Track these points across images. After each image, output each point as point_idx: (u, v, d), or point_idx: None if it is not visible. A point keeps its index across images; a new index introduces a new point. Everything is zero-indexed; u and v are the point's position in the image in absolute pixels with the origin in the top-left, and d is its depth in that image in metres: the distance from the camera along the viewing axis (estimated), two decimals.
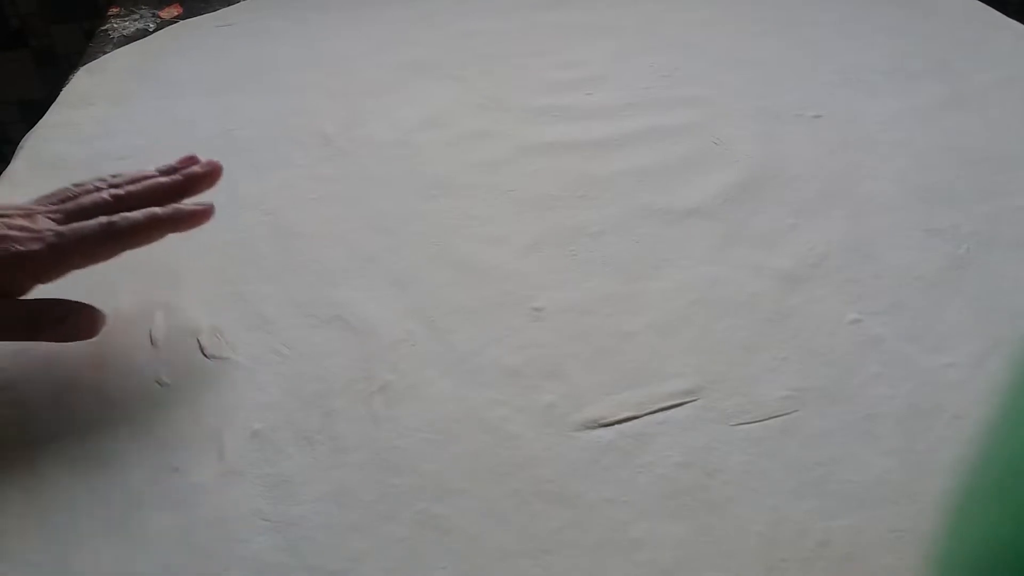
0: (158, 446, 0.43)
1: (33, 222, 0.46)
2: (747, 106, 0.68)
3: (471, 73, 0.73)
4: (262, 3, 0.86)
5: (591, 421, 0.44)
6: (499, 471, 0.42)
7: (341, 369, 0.47)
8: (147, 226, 0.47)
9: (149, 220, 0.47)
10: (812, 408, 0.45)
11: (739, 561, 0.38)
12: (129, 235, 0.46)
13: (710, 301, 0.51)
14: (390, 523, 0.40)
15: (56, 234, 0.45)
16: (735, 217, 0.57)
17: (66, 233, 0.45)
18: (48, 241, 0.45)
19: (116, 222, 0.46)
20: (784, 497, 0.41)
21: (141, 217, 0.47)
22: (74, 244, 0.45)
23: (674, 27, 0.79)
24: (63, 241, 0.45)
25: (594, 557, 0.39)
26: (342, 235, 0.56)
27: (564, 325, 0.49)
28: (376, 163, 0.63)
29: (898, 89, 0.70)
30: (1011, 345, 0.47)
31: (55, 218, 0.46)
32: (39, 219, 0.46)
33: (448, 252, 0.55)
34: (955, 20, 0.80)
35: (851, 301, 0.50)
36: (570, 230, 0.56)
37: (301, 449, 0.43)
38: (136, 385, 0.46)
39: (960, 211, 0.57)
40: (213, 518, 0.40)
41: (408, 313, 0.50)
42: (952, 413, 0.44)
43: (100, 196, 0.48)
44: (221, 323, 0.50)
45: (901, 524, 0.39)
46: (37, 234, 0.45)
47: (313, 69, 0.74)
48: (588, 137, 0.65)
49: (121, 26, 0.83)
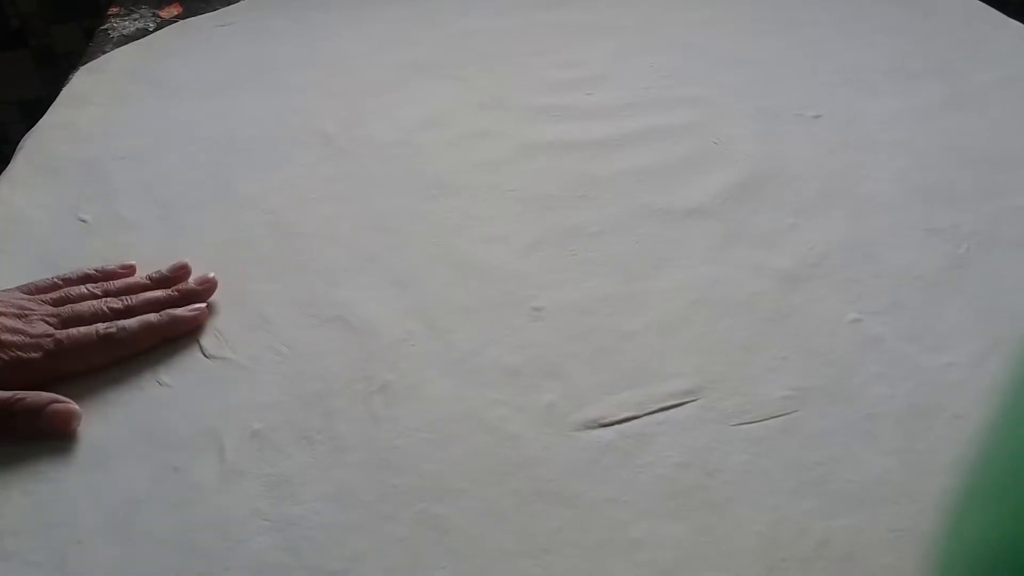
0: (158, 446, 0.43)
1: (30, 325, 0.46)
2: (747, 106, 0.68)
3: (471, 73, 0.73)
4: (262, 3, 0.86)
5: (591, 421, 0.44)
6: (499, 471, 0.42)
7: (341, 369, 0.47)
8: (143, 334, 0.48)
9: (145, 329, 0.48)
10: (812, 408, 0.45)
11: (739, 561, 0.38)
12: (127, 344, 0.47)
13: (710, 301, 0.51)
14: (390, 523, 0.40)
15: (55, 341, 0.46)
16: (735, 217, 0.57)
17: (64, 341, 0.46)
18: (46, 348, 0.45)
19: (114, 333, 0.47)
20: (784, 497, 0.41)
21: (137, 326, 0.47)
22: (71, 353, 0.46)
23: (674, 27, 0.79)
24: (61, 349, 0.45)
25: (594, 557, 0.39)
26: (342, 235, 0.56)
27: (564, 325, 0.49)
28: (377, 163, 0.63)
29: (898, 89, 0.70)
30: (1011, 345, 0.47)
31: (51, 323, 0.47)
32: (35, 322, 0.46)
33: (448, 252, 0.55)
34: (955, 20, 0.80)
35: (851, 301, 0.50)
36: (570, 230, 0.56)
37: (301, 449, 0.43)
38: (136, 385, 0.46)
39: (960, 211, 0.57)
40: (213, 518, 0.40)
41: (408, 313, 0.50)
42: (952, 413, 0.44)
43: (99, 306, 0.48)
44: (221, 323, 0.50)
45: (901, 524, 0.39)
46: (35, 340, 0.45)
47: (313, 69, 0.74)
48: (588, 137, 0.65)
49: (121, 26, 0.83)
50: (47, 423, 0.43)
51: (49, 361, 0.45)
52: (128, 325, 0.47)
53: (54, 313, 0.47)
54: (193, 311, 0.49)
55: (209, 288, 0.51)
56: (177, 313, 0.49)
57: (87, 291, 0.50)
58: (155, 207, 0.59)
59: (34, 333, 0.46)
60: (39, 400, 0.44)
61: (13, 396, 0.44)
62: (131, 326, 0.47)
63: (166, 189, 0.60)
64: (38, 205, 0.59)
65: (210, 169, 0.62)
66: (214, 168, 0.62)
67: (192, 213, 0.58)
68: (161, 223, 0.57)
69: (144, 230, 0.57)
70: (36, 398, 0.44)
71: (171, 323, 0.48)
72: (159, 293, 0.50)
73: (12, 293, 0.48)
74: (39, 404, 0.44)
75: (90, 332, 0.46)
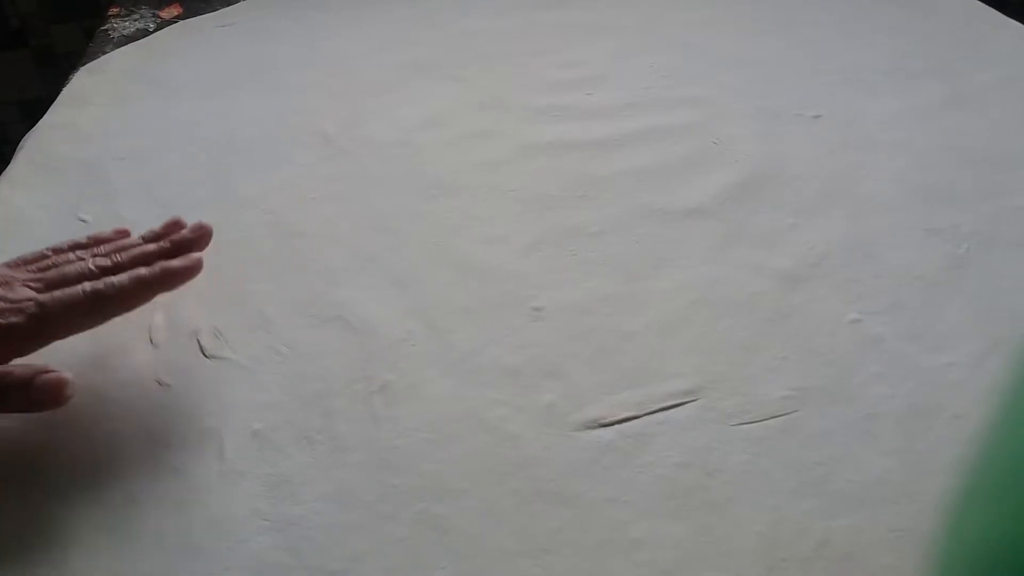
0: (158, 446, 0.43)
1: (11, 291, 0.43)
2: (747, 106, 0.68)
3: (471, 73, 0.73)
4: (262, 3, 0.86)
5: (591, 421, 0.44)
6: (499, 471, 0.42)
7: (341, 369, 0.47)
8: (133, 290, 0.44)
9: (135, 283, 0.44)
10: (812, 408, 0.45)
11: (739, 561, 0.38)
12: (117, 302, 0.44)
13: (710, 301, 0.51)
14: (390, 523, 0.40)
15: (38, 304, 0.42)
16: (735, 217, 0.57)
17: (48, 303, 0.42)
18: (29, 312, 0.42)
19: (102, 289, 0.43)
20: (784, 497, 0.41)
21: (127, 281, 0.44)
22: (58, 315, 0.42)
23: (674, 27, 0.79)
24: (45, 312, 0.42)
25: (594, 557, 0.39)
26: (342, 235, 0.56)
27: (564, 325, 0.49)
28: (376, 163, 0.63)
29: (898, 89, 0.70)
30: (1011, 345, 0.47)
31: (35, 287, 0.44)
32: (17, 287, 0.43)
33: (448, 252, 0.55)
34: (955, 20, 0.80)
35: (851, 301, 0.50)
36: (570, 230, 0.56)
37: (301, 449, 0.43)
38: (136, 385, 0.46)
39: (960, 211, 0.57)
40: (213, 518, 0.40)
41: (408, 313, 0.50)
42: (952, 413, 0.44)
43: (85, 266, 0.45)
44: (221, 323, 0.50)
45: (901, 524, 0.39)
46: (16, 304, 0.42)
47: (313, 69, 0.74)
48: (588, 137, 0.65)
49: (121, 26, 0.83)
50: (37, 395, 0.41)
51: (33, 325, 0.42)
52: (117, 281, 0.44)
53: (38, 278, 0.44)
54: (187, 261, 0.46)
55: (204, 236, 0.48)
56: (170, 265, 0.46)
57: (75, 256, 0.47)
58: (155, 207, 0.59)
59: (15, 298, 0.42)
60: (27, 372, 0.41)
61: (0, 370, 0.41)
62: (120, 281, 0.44)
63: (166, 189, 0.60)
64: (38, 205, 0.59)
65: (210, 169, 0.62)
66: (214, 168, 0.62)
67: (192, 213, 0.58)
68: (161, 223, 0.57)
69: (144, 230, 0.57)
70: (23, 370, 0.41)
71: (163, 275, 0.45)
72: (150, 247, 0.47)
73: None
74: (27, 376, 0.41)
75: (76, 291, 0.43)
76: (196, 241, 0.48)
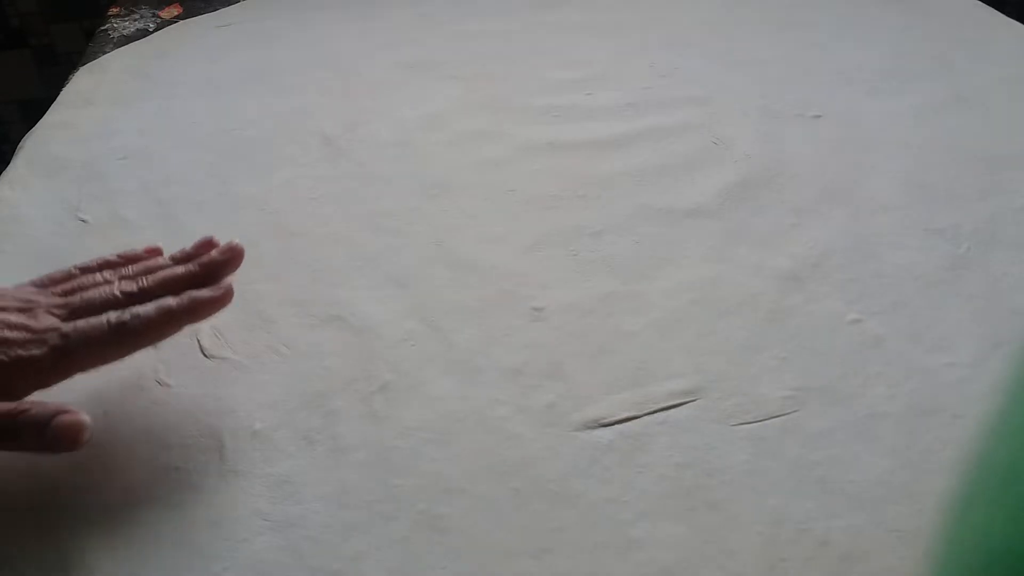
0: (158, 446, 0.43)
1: (34, 319, 0.41)
2: (747, 106, 0.68)
3: (471, 73, 0.73)
4: (262, 3, 0.86)
5: (591, 421, 0.44)
6: (499, 471, 0.42)
7: (341, 369, 0.47)
8: (160, 322, 0.42)
9: (163, 315, 0.42)
10: (812, 408, 0.45)
11: (739, 561, 0.38)
12: (143, 334, 0.42)
13: (710, 301, 0.51)
14: (390, 523, 0.40)
15: (60, 335, 0.40)
16: (735, 217, 0.57)
17: (72, 335, 0.40)
18: (51, 344, 0.40)
19: (127, 322, 0.41)
20: (784, 497, 0.41)
21: (154, 313, 0.42)
22: (80, 347, 0.40)
23: (674, 27, 0.79)
24: (68, 344, 0.40)
25: (594, 557, 0.39)
26: (342, 235, 0.56)
27: (564, 325, 0.49)
28: (376, 163, 0.63)
29: (898, 89, 0.70)
30: (1011, 345, 0.47)
31: (59, 315, 0.42)
32: (40, 315, 0.41)
33: (449, 252, 0.55)
34: (955, 20, 0.80)
35: (851, 301, 0.50)
36: (570, 230, 0.56)
37: (301, 449, 0.43)
38: (136, 385, 0.46)
39: (960, 211, 0.57)
40: (213, 518, 0.40)
41: (408, 313, 0.50)
42: (952, 413, 0.44)
43: (110, 292, 0.43)
44: (221, 323, 0.50)
45: (901, 524, 0.39)
46: (39, 335, 0.40)
47: (313, 69, 0.74)
48: (588, 137, 0.65)
49: (121, 26, 0.83)
50: (53, 437, 0.39)
51: (56, 358, 0.40)
52: (143, 312, 0.41)
53: (62, 304, 0.42)
54: (216, 291, 0.44)
55: (235, 258, 0.46)
56: (199, 295, 0.43)
57: (102, 278, 0.44)
58: (155, 207, 0.59)
59: (38, 328, 0.40)
60: (44, 412, 0.39)
61: (16, 408, 0.39)
62: (146, 313, 0.41)
63: (166, 189, 0.60)
64: (38, 205, 0.59)
65: (210, 169, 0.62)
66: (214, 168, 0.62)
67: (192, 213, 0.58)
68: (161, 223, 0.57)
69: (144, 230, 0.57)
70: (41, 409, 0.39)
71: (192, 306, 0.43)
72: (179, 269, 0.45)
73: (22, 288, 0.44)
74: (44, 416, 0.39)
75: (100, 322, 0.41)
76: (226, 264, 0.46)
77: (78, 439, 0.39)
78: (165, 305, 0.42)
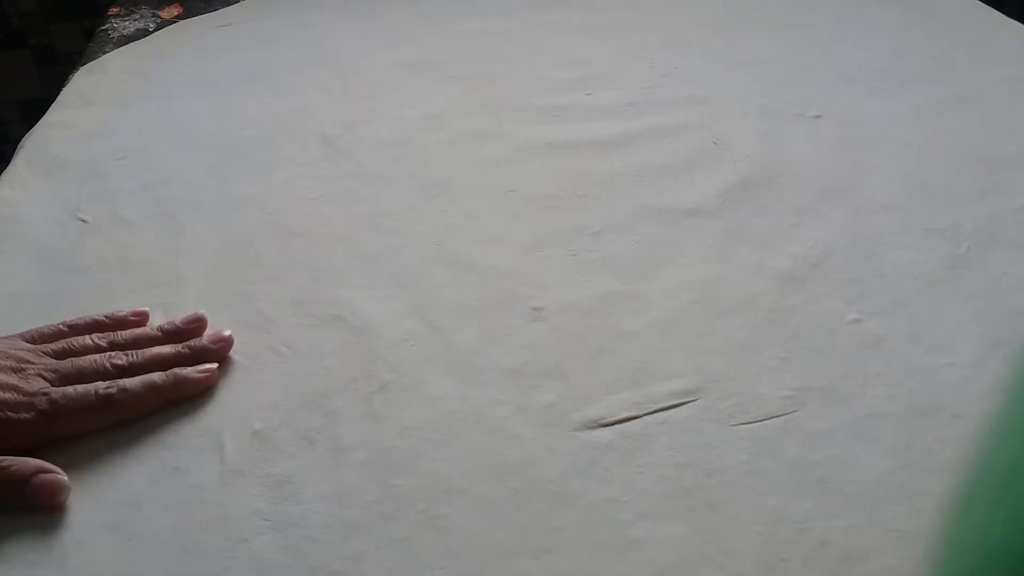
0: (158, 446, 0.43)
1: (24, 380, 0.43)
2: (747, 106, 0.68)
3: (471, 73, 0.73)
4: (262, 3, 0.86)
5: (591, 421, 0.44)
6: (499, 471, 0.42)
7: (341, 369, 0.47)
8: (145, 398, 0.44)
9: (148, 391, 0.44)
10: (812, 408, 0.45)
11: (739, 561, 0.38)
12: (128, 408, 0.44)
13: (710, 301, 0.51)
14: (390, 523, 0.40)
15: (49, 401, 0.42)
16: (735, 217, 0.57)
17: (60, 401, 0.42)
18: (39, 408, 0.42)
19: (114, 394, 0.43)
20: (784, 497, 0.41)
21: (140, 388, 0.44)
22: (68, 414, 0.43)
23: (674, 27, 0.79)
24: (56, 410, 0.42)
25: (594, 557, 0.39)
26: (342, 235, 0.56)
27: (564, 325, 0.49)
28: (376, 163, 0.63)
29: (898, 89, 0.70)
30: (1011, 345, 0.47)
31: (49, 378, 0.44)
32: (31, 378, 0.43)
33: (448, 252, 0.55)
34: (955, 20, 0.80)
35: (851, 301, 0.50)
36: (570, 230, 0.56)
37: (301, 449, 0.43)
38: None
39: (960, 211, 0.57)
40: (213, 518, 0.40)
41: (408, 313, 0.50)
42: (952, 413, 0.44)
43: (101, 363, 0.45)
44: (221, 323, 0.50)
45: (901, 524, 0.39)
46: (28, 398, 0.42)
47: (313, 69, 0.74)
48: (588, 137, 0.65)
49: (121, 26, 0.83)
50: (32, 495, 0.40)
51: (42, 422, 0.42)
52: (130, 386, 0.44)
53: (54, 368, 0.44)
54: (202, 372, 0.46)
55: (223, 347, 0.48)
56: (184, 374, 0.45)
57: (92, 343, 0.46)
58: (155, 207, 0.59)
59: (29, 391, 0.42)
60: (24, 469, 0.40)
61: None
62: (133, 387, 0.44)
63: (166, 189, 0.60)
64: (38, 205, 0.59)
65: (210, 169, 0.62)
66: (214, 168, 0.62)
67: (192, 213, 0.58)
68: (161, 223, 0.57)
69: (144, 230, 0.57)
70: (21, 466, 0.41)
71: (176, 385, 0.45)
72: (167, 349, 0.47)
73: (13, 341, 0.46)
74: (24, 474, 0.40)
75: (88, 392, 0.43)
76: (214, 353, 0.47)
77: (56, 498, 0.41)
78: (151, 381, 0.45)
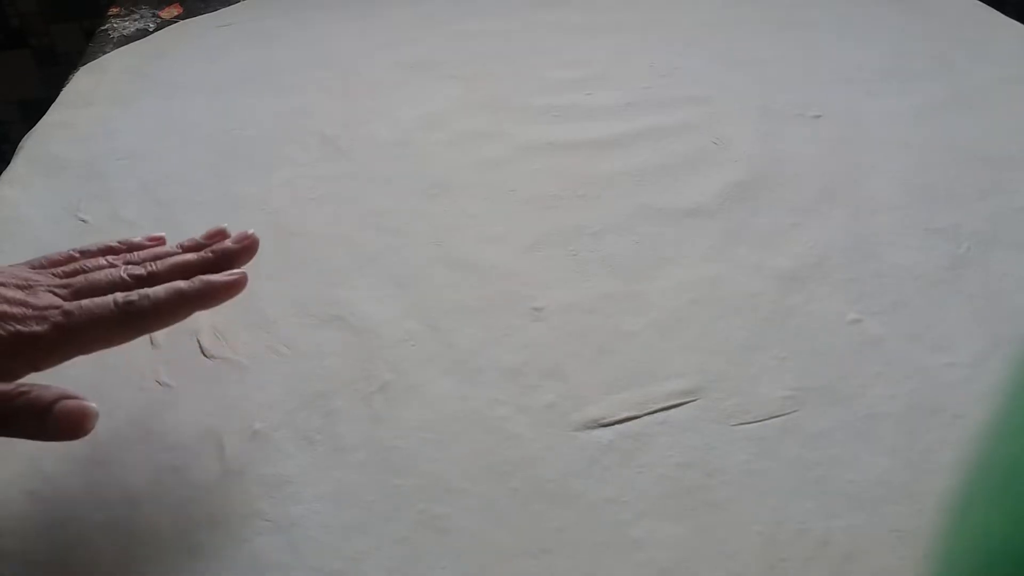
0: (158, 446, 0.43)
1: (34, 296, 0.38)
2: (747, 106, 0.68)
3: (471, 73, 0.73)
4: (262, 3, 0.86)
5: (591, 421, 0.44)
6: (499, 471, 0.42)
7: (341, 369, 0.47)
8: (171, 304, 0.39)
9: (174, 297, 0.39)
10: (812, 408, 0.45)
11: (739, 561, 0.38)
12: (151, 316, 0.39)
13: (710, 301, 0.51)
14: (390, 523, 0.40)
15: (63, 312, 0.37)
16: (735, 217, 0.57)
17: (75, 312, 0.38)
18: (53, 321, 0.37)
19: (135, 301, 0.38)
20: (784, 497, 0.41)
21: (164, 294, 0.39)
22: (85, 326, 0.38)
23: (674, 27, 0.79)
24: (71, 322, 0.37)
25: (594, 557, 0.39)
26: (342, 235, 0.56)
27: (564, 325, 0.49)
28: (376, 163, 0.63)
29: (898, 89, 0.70)
30: (1011, 345, 0.47)
31: (60, 294, 0.39)
32: (41, 293, 0.39)
33: (449, 252, 0.55)
34: (955, 20, 0.80)
35: (851, 301, 0.50)
36: (570, 230, 0.56)
37: (301, 449, 0.43)
38: (136, 385, 0.46)
39: (960, 211, 0.57)
40: (213, 518, 0.40)
41: (408, 313, 0.50)
42: (952, 413, 0.44)
43: (116, 274, 0.40)
44: (221, 323, 0.50)
45: (901, 524, 0.39)
46: (39, 312, 0.37)
47: (313, 69, 0.74)
48: (588, 137, 0.65)
49: (121, 26, 0.83)
50: (55, 424, 0.35)
51: (57, 335, 0.37)
52: (153, 293, 0.39)
53: (64, 284, 0.39)
54: (231, 276, 0.41)
55: (250, 247, 0.44)
56: (212, 278, 0.41)
57: (106, 262, 0.42)
58: (155, 207, 0.59)
59: (38, 304, 0.38)
60: (45, 395, 0.36)
61: (13, 389, 0.36)
62: (156, 294, 0.39)
63: (166, 189, 0.60)
64: (38, 205, 0.59)
65: (210, 169, 0.62)
66: (214, 168, 0.62)
67: (192, 213, 0.58)
68: (161, 223, 0.57)
69: (144, 230, 0.56)
70: (42, 392, 0.36)
71: (204, 290, 0.40)
72: (190, 256, 0.43)
73: (19, 267, 0.41)
74: (45, 400, 0.35)
75: (107, 302, 0.38)
76: (240, 253, 0.44)
77: (82, 427, 0.36)
78: (176, 287, 0.40)
